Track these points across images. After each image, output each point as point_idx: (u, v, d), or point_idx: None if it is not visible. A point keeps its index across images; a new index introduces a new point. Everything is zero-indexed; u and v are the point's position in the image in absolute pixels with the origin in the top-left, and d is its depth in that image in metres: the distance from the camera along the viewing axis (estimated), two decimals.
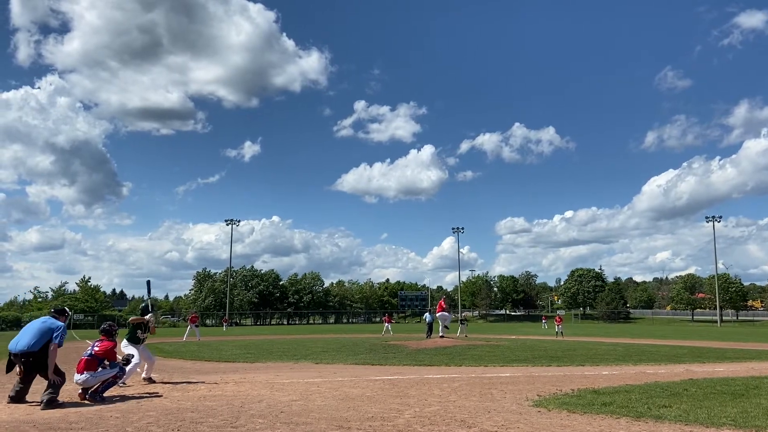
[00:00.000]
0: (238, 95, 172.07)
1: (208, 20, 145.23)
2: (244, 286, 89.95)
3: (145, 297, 13.97)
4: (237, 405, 7.82)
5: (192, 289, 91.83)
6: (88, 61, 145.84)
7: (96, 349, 8.72)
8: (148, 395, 8.92)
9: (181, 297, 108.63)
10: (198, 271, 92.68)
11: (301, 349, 20.96)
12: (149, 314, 10.75)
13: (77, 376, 8.44)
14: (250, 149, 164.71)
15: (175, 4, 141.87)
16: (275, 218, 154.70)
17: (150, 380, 10.72)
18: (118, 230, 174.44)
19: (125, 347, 10.30)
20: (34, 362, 7.98)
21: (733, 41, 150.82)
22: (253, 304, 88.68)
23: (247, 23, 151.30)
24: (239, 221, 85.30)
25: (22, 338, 8.06)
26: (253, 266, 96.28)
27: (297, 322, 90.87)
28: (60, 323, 8.37)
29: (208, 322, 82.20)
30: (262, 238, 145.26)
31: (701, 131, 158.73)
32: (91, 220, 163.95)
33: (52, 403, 7.69)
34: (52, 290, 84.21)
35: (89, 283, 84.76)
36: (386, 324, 39.27)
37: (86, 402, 8.18)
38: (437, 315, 25.55)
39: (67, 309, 9.09)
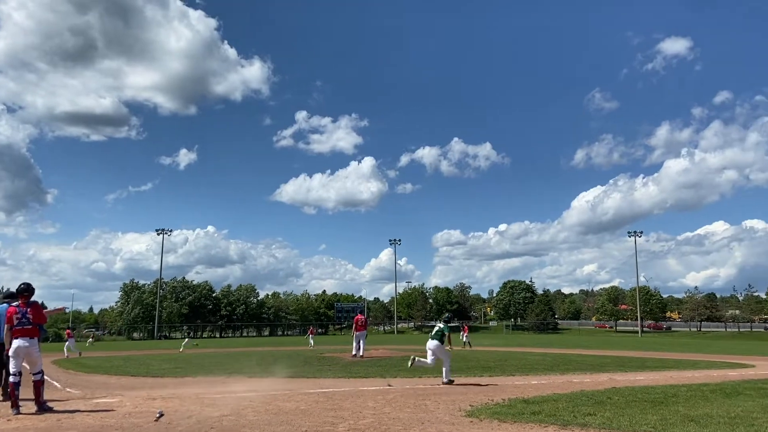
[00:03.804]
0: (175, 102, 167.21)
1: (145, 25, 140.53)
2: (174, 297, 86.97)
3: None
4: (164, 422, 7.54)
5: (118, 301, 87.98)
6: (14, 62, 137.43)
7: (30, 316, 8.35)
8: (68, 411, 8.46)
9: (106, 309, 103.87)
10: (125, 282, 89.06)
11: (233, 362, 20.46)
12: None
13: (21, 341, 8.21)
14: (185, 157, 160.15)
15: (111, 7, 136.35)
16: (210, 228, 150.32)
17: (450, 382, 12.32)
18: (40, 239, 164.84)
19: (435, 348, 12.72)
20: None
21: (656, 66, 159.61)
22: (183, 317, 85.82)
23: (186, 30, 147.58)
24: (171, 231, 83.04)
25: None
26: (184, 277, 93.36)
27: (230, 335, 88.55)
28: None
29: (135, 335, 79.31)
30: (195, 249, 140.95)
31: (626, 150, 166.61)
32: (12, 228, 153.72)
33: None
34: None
35: None
36: (309, 335, 39.57)
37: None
38: (357, 334, 21.85)
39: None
